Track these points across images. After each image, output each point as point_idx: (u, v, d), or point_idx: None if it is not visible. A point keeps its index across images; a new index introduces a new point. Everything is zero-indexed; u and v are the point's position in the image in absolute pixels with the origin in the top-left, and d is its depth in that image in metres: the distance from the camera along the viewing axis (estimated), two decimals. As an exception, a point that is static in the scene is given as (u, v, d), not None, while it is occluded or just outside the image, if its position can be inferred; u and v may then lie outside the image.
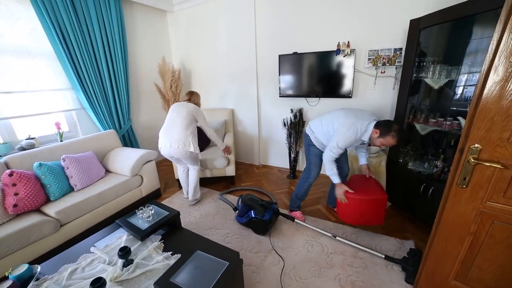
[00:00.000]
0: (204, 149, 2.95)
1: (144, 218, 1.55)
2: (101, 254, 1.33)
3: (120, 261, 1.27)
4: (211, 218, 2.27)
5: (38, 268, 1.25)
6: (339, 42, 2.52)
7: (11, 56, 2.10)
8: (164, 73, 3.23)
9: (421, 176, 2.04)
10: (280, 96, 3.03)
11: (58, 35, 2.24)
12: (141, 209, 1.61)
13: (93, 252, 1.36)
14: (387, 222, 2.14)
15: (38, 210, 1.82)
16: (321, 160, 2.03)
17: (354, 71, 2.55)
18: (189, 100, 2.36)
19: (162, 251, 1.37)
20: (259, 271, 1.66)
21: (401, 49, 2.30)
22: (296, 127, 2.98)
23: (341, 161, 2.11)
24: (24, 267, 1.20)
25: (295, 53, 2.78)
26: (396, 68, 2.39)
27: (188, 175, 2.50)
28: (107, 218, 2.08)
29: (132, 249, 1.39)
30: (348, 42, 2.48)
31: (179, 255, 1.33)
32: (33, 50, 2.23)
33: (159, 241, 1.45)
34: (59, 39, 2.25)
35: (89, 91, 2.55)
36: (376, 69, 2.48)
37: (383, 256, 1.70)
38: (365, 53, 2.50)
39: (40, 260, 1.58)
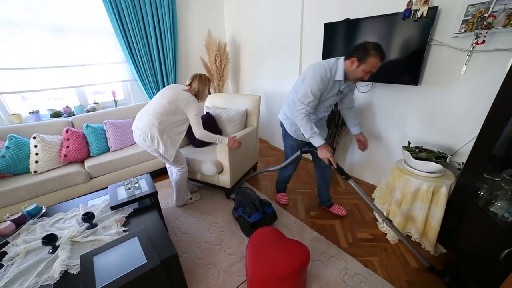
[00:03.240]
0: (205, 146, 2.40)
1: (125, 189, 1.67)
2: (82, 212, 1.54)
3: (86, 224, 1.43)
4: (211, 202, 2.23)
5: (44, 209, 1.58)
6: (411, -2, 1.66)
7: (82, 35, 2.58)
8: (209, 47, 3.21)
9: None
10: (321, 77, 2.44)
11: (115, 14, 2.57)
12: (129, 179, 1.73)
13: (78, 208, 1.59)
14: (434, 277, 1.44)
15: (82, 162, 2.31)
16: (299, 155, 1.81)
17: (428, 43, 1.66)
18: (189, 86, 1.81)
19: (121, 225, 1.44)
20: (219, 274, 1.51)
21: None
22: (336, 118, 2.35)
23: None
24: (33, 205, 1.55)
25: (347, 20, 2.07)
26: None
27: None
28: (130, 179, 2.41)
29: (105, 215, 1.54)
30: (428, -5, 1.58)
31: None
32: (98, 29, 2.66)
33: (127, 214, 1.53)
34: (115, 17, 2.58)
35: (139, 64, 2.88)
36: (476, 38, 1.50)
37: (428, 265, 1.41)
38: (460, 11, 1.53)
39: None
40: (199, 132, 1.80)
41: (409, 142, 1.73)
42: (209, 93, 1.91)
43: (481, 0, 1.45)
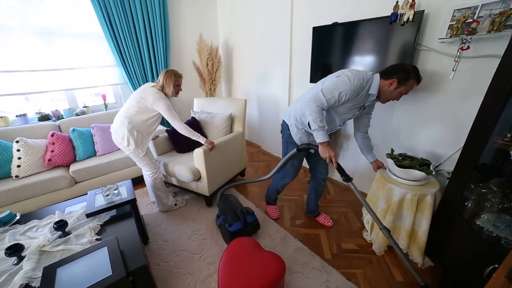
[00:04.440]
0: (188, 151, 2.29)
1: (104, 195, 1.63)
2: (57, 219, 1.50)
3: (59, 232, 1.39)
4: (196, 209, 2.19)
5: (18, 216, 1.55)
6: (397, 2, 1.61)
7: (72, 38, 2.58)
8: (201, 51, 3.19)
9: (496, 247, 1.13)
10: (310, 83, 2.40)
11: (105, 18, 2.56)
12: (108, 186, 1.70)
13: (55, 215, 1.56)
14: None
15: (67, 166, 2.28)
16: (300, 161, 1.74)
17: (416, 48, 1.61)
18: (158, 81, 1.84)
19: (96, 234, 1.40)
20: (195, 285, 1.46)
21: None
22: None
23: (319, 162, 1.73)
24: (6, 212, 1.51)
25: (336, 23, 2.04)
26: None
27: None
28: (115, 184, 2.37)
29: (80, 222, 1.50)
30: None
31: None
32: (88, 32, 2.65)
33: (103, 222, 1.49)
34: (105, 21, 2.57)
35: (129, 68, 2.87)
36: (462, 43, 1.45)
37: (423, 284, 1.27)
38: (447, 16, 1.49)
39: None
40: (178, 125, 1.86)
41: (392, 149, 1.67)
42: (180, 89, 1.92)
43: (467, 5, 1.41)
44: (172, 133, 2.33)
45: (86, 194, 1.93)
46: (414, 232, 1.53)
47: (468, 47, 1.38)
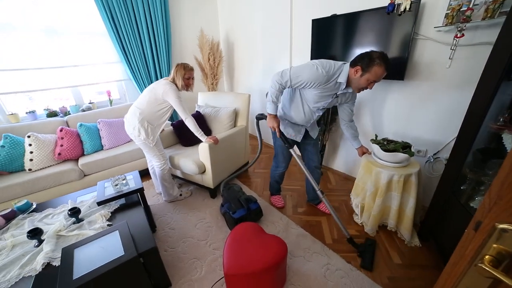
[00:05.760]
0: (193, 145, 2.38)
1: (113, 185, 1.71)
2: (70, 207, 1.59)
3: (72, 218, 1.47)
4: (201, 199, 2.26)
5: (34, 205, 1.64)
6: (394, -8, 1.64)
7: (76, 36, 2.63)
8: (202, 46, 3.24)
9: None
10: (311, 74, 2.44)
11: (108, 15, 2.61)
12: (117, 176, 1.77)
13: (68, 204, 1.64)
14: (417, 273, 1.44)
15: (76, 160, 2.37)
16: (289, 152, 1.78)
17: (412, 37, 1.64)
18: (171, 75, 1.90)
19: (106, 220, 1.48)
20: (202, 268, 1.54)
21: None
22: (325, 115, 2.36)
23: (309, 151, 1.85)
24: (24, 201, 1.60)
25: (334, 15, 2.07)
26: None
27: (154, 171, 2.14)
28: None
29: (91, 210, 1.58)
30: (410, -11, 1.57)
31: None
32: (91, 30, 2.71)
33: (113, 210, 1.57)
34: (108, 18, 2.62)
35: (133, 64, 2.93)
36: (458, 31, 1.48)
37: (348, 237, 1.58)
38: (443, 4, 1.52)
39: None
40: (185, 119, 1.92)
41: (376, 135, 1.74)
42: (190, 83, 1.94)
43: (464, -8, 1.43)
44: (178, 127, 2.40)
45: (95, 185, 2.04)
46: (401, 211, 1.61)
47: (463, 35, 1.40)
